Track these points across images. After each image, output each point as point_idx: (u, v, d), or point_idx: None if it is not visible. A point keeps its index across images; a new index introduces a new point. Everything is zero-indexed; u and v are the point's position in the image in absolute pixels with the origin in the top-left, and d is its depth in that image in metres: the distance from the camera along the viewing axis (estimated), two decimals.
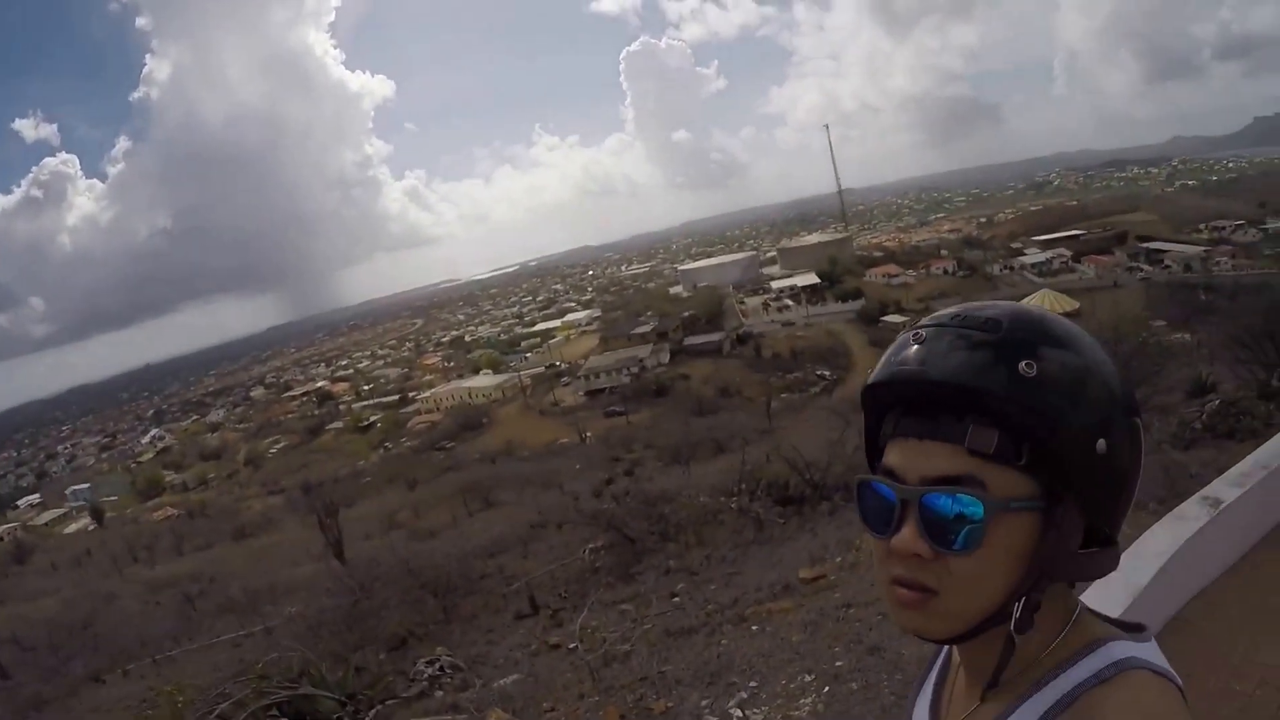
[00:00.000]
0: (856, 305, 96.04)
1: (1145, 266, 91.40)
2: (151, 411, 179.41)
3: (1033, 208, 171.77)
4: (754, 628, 8.31)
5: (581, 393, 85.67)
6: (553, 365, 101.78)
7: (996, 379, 1.03)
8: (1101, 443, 1.03)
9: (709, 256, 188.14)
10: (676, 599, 10.34)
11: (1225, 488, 5.86)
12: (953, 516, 1.04)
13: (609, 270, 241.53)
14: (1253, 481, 5.89)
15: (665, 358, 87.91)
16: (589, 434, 57.58)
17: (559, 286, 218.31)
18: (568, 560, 14.58)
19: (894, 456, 1.12)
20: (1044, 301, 53.68)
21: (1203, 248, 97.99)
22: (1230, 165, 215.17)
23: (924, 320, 1.16)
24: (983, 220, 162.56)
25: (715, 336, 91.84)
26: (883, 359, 1.17)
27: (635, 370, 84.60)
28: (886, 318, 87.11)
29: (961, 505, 1.04)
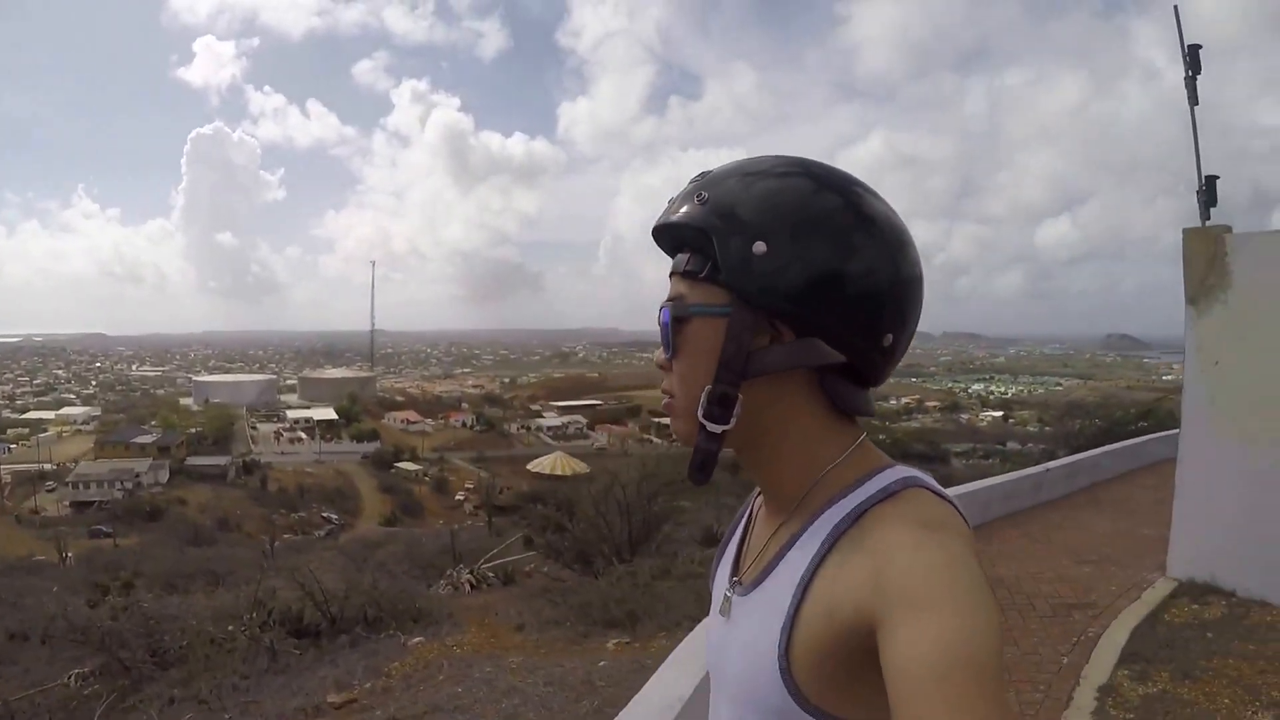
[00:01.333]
0: (371, 447, 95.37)
1: (655, 439, 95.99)
2: None
3: (556, 374, 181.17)
4: None
5: (67, 502, 77.94)
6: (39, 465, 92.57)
7: (684, 210, 1.21)
8: (759, 245, 1.14)
9: (228, 372, 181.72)
10: None
11: None
12: (662, 329, 1.24)
13: (119, 366, 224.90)
14: None
15: (164, 476, 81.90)
16: (70, 554, 53.21)
17: (61, 372, 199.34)
18: (49, 686, 12.93)
19: None
20: (555, 463, 56.51)
21: None
22: None
23: None
24: (506, 380, 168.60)
25: (221, 460, 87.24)
26: None
27: (130, 485, 78.35)
28: (400, 464, 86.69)
29: (663, 315, 1.23)
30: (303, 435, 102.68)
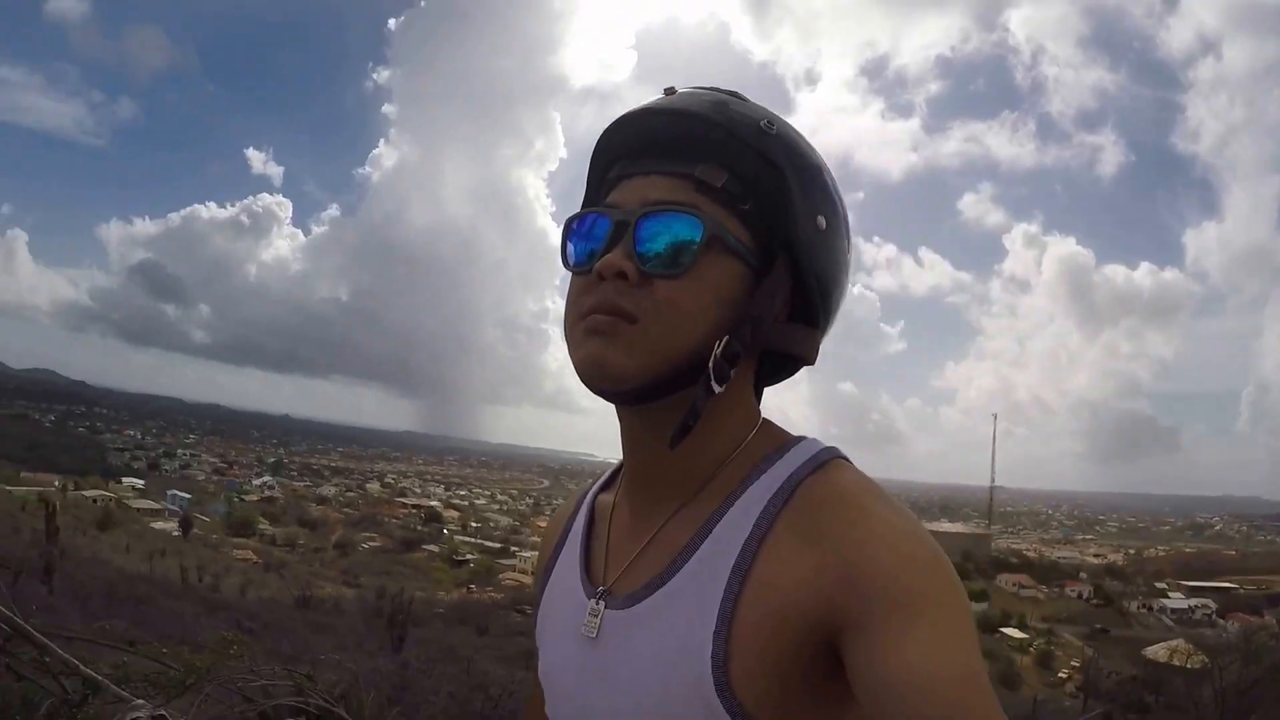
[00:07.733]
0: (980, 607, 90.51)
1: None
2: (273, 460, 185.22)
3: (1188, 549, 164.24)
4: None
5: None
6: None
7: (740, 122, 1.01)
8: (821, 219, 1.02)
9: None
10: None
11: None
12: (667, 237, 0.99)
13: None
14: None
15: None
16: None
17: None
18: None
19: (615, 195, 1.07)
20: (1172, 652, 50.60)
21: None
22: None
23: None
24: (1131, 551, 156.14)
25: None
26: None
27: None
28: (1005, 629, 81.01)
29: (680, 222, 0.99)
30: None
